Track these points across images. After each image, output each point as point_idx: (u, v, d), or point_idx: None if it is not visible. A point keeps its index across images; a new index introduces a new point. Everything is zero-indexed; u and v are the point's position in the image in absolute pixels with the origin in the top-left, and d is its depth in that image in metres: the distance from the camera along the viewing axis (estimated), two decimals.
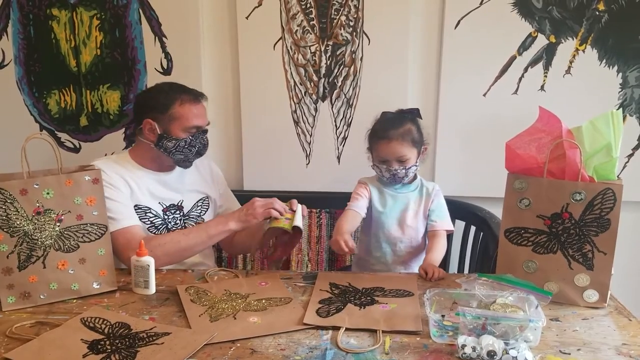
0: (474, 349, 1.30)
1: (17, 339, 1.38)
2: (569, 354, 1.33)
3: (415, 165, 1.91)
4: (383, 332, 1.41)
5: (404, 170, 1.88)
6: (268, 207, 1.81)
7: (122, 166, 1.93)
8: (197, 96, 1.97)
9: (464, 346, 1.30)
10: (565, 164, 1.55)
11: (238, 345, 1.36)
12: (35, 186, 1.54)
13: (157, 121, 1.91)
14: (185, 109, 1.92)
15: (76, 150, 2.47)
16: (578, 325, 1.48)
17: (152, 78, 2.37)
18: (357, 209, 1.92)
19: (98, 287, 1.63)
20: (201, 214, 2.06)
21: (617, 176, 1.61)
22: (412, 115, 1.94)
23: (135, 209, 1.91)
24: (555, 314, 1.52)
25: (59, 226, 1.58)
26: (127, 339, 1.37)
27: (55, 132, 2.46)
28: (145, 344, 1.35)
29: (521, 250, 1.63)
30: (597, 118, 1.57)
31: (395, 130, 1.87)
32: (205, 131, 1.99)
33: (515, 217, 1.63)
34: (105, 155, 2.08)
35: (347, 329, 1.42)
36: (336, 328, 1.43)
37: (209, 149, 2.31)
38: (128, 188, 1.89)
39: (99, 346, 1.34)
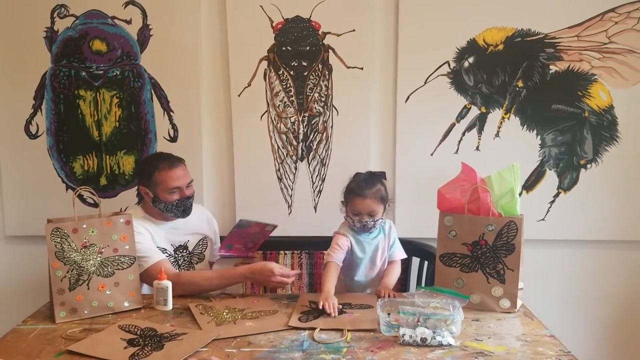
0: (411, 336, 1.78)
1: (71, 340, 1.83)
2: (482, 340, 1.82)
3: (381, 218, 2.29)
4: (347, 330, 1.88)
5: (372, 222, 2.23)
6: (283, 284, 2.21)
7: (140, 219, 2.37)
8: (173, 162, 2.38)
9: (404, 335, 1.78)
10: (480, 204, 2.07)
11: (238, 340, 1.83)
12: (83, 226, 2.03)
13: (147, 187, 2.37)
14: (163, 175, 2.34)
15: (95, 205, 2.91)
16: (492, 323, 1.96)
17: (161, 145, 2.82)
18: (338, 261, 2.22)
19: (128, 305, 2.09)
20: (202, 251, 2.53)
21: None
22: (380, 177, 2.36)
23: None
24: (476, 317, 2.01)
25: (100, 257, 2.05)
26: (155, 337, 1.83)
27: (76, 190, 2.92)
28: (169, 340, 1.81)
29: (452, 270, 2.12)
30: (503, 169, 2.11)
31: (369, 190, 2.22)
32: (190, 197, 2.40)
33: (446, 245, 2.13)
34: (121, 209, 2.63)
35: (320, 329, 1.89)
36: (313, 329, 1.89)
37: (208, 201, 2.80)
38: (149, 234, 2.35)
39: (135, 342, 1.80)
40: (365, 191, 2.23)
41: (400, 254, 2.39)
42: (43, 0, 2.77)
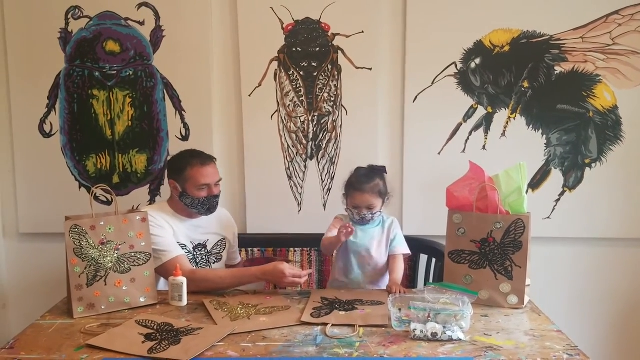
0: (422, 331, 1.82)
1: (89, 334, 1.88)
2: (490, 335, 1.87)
3: (380, 212, 2.37)
4: (359, 325, 1.93)
5: (370, 215, 2.33)
6: (294, 284, 2.23)
7: (165, 213, 2.42)
8: (205, 160, 2.44)
9: (415, 330, 1.83)
10: (488, 202, 2.12)
11: (253, 334, 1.87)
12: (101, 223, 2.08)
13: (177, 181, 2.42)
14: (195, 171, 2.39)
15: (108, 203, 2.97)
16: (501, 318, 2.01)
17: (173, 144, 2.87)
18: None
19: (144, 300, 2.14)
20: (220, 251, 2.56)
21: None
22: (381, 171, 2.43)
23: None
24: (485, 312, 2.05)
25: (117, 253, 2.10)
26: (172, 332, 1.87)
27: (92, 188, 2.97)
28: (186, 334, 1.86)
29: (460, 267, 2.17)
30: (510, 168, 2.15)
31: (367, 185, 2.31)
32: (217, 196, 2.45)
33: (455, 243, 2.18)
34: (149, 203, 2.79)
35: (333, 325, 1.93)
36: (325, 324, 1.94)
37: (220, 199, 2.85)
38: (171, 229, 2.39)
39: (152, 336, 1.85)
40: (364, 186, 2.32)
41: (402, 249, 2.41)
42: (58, 1, 2.83)
